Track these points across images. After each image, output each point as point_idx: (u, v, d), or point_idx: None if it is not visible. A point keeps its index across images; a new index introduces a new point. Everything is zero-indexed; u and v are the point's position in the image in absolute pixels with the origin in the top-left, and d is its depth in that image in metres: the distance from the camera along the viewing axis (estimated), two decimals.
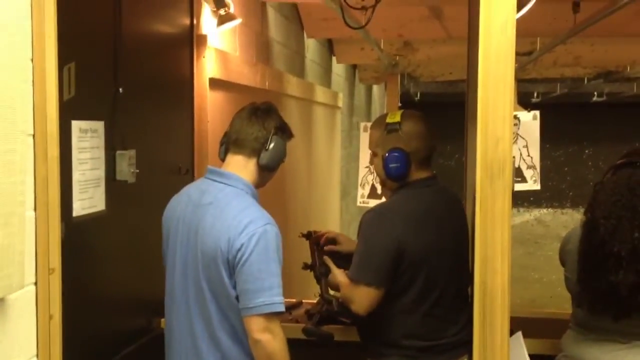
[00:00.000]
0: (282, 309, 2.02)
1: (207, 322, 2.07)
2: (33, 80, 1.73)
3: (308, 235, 2.62)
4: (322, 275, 2.48)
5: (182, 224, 2.14)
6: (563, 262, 2.27)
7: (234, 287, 2.02)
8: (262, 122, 2.15)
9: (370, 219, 2.27)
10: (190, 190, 2.20)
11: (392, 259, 2.18)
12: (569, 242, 2.22)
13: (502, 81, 1.57)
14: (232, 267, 2.01)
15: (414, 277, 2.21)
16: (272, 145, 2.13)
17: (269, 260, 2.00)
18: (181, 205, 2.18)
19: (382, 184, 2.43)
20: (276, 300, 1.99)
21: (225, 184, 2.12)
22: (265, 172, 2.18)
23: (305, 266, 2.56)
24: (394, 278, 2.20)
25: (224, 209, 2.05)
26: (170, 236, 2.18)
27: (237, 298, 2.02)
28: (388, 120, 2.32)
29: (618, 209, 2.00)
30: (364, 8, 3.36)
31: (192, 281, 2.09)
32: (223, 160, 2.20)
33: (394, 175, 2.27)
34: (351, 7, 3.32)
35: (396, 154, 2.25)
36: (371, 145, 2.39)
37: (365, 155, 4.01)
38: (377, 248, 2.20)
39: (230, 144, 2.18)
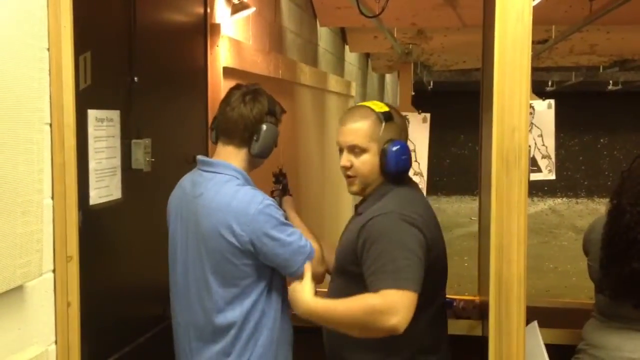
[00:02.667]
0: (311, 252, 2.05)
1: (209, 314, 2.08)
2: (49, 70, 1.74)
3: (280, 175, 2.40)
4: None
5: (179, 218, 2.15)
6: (586, 252, 2.25)
7: (249, 270, 2.03)
8: (250, 110, 2.08)
9: (393, 222, 1.92)
10: (184, 183, 2.20)
11: (424, 262, 1.90)
12: (593, 231, 2.21)
13: (519, 70, 1.57)
14: (246, 253, 2.01)
15: (430, 280, 1.95)
16: (262, 134, 2.08)
17: (281, 229, 2.02)
18: (177, 198, 2.19)
19: (363, 185, 2.04)
20: (306, 256, 2.03)
21: (214, 172, 2.10)
22: (258, 159, 2.15)
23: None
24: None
25: (214, 198, 2.04)
26: (170, 228, 2.20)
27: (254, 282, 2.04)
28: (377, 109, 2.00)
29: None
30: None
31: (193, 273, 2.10)
32: (215, 143, 2.18)
33: (401, 169, 1.98)
34: None
35: (404, 145, 1.98)
36: (361, 140, 1.98)
37: None
38: (413, 253, 1.88)
39: (219, 132, 2.14)
